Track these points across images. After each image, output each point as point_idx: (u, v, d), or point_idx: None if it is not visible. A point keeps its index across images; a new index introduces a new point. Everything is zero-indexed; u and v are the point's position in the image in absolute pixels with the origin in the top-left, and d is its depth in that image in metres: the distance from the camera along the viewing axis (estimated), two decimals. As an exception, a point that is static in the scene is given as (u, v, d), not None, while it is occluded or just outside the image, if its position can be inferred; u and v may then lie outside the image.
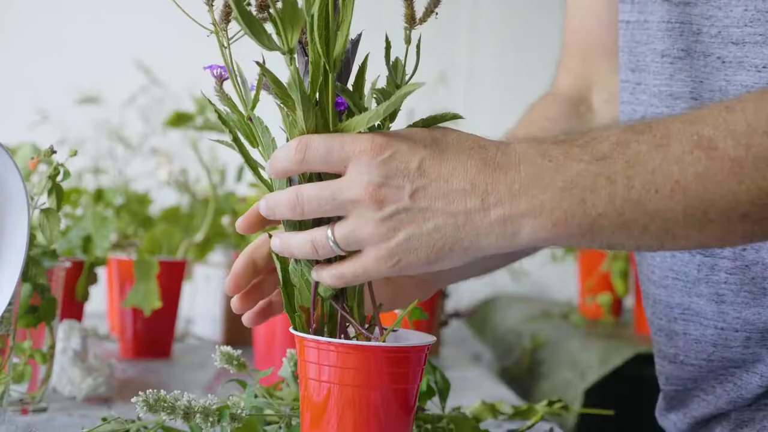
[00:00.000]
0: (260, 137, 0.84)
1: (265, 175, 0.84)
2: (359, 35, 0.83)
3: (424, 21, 0.83)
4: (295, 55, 0.80)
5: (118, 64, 2.35)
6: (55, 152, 1.03)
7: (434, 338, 0.86)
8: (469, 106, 2.79)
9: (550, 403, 1.13)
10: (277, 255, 0.84)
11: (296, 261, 0.84)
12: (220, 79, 0.85)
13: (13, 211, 0.86)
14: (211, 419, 0.90)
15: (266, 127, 0.84)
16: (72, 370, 1.19)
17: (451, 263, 0.79)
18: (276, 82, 0.81)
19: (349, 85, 0.83)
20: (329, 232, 0.79)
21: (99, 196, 1.64)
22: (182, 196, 1.93)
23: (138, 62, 2.05)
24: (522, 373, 1.91)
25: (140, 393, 0.89)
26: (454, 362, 1.64)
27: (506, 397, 1.33)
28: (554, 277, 2.56)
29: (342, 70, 0.82)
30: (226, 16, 0.83)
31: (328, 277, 0.81)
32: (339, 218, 0.80)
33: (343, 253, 0.80)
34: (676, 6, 1.00)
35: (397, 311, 1.02)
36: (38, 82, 2.60)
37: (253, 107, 0.85)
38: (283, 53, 0.80)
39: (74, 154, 1.07)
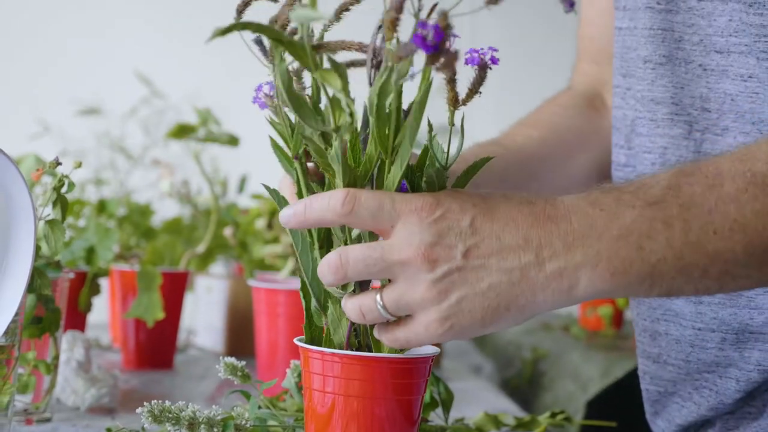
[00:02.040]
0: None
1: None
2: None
3: (467, 102, 0.81)
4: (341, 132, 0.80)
5: (119, 76, 2.36)
6: (60, 164, 1.04)
7: (438, 350, 0.86)
8: (469, 119, 2.79)
9: (553, 415, 1.13)
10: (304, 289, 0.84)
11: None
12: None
13: (20, 222, 0.86)
14: (215, 430, 0.90)
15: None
16: (76, 381, 1.19)
17: (506, 324, 0.77)
18: (319, 152, 0.80)
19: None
20: (378, 297, 0.77)
21: (101, 207, 1.64)
22: (184, 207, 1.94)
23: (139, 73, 2.06)
24: (523, 385, 1.91)
25: (145, 404, 0.89)
26: (456, 374, 1.65)
27: (508, 409, 1.33)
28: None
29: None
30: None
31: (386, 340, 0.79)
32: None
33: (392, 318, 0.78)
34: (659, 13, 1.01)
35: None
36: (39, 94, 2.60)
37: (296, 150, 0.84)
38: (330, 132, 0.79)
39: (79, 165, 1.08)
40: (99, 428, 1.09)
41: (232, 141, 1.66)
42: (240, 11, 0.81)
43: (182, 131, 1.72)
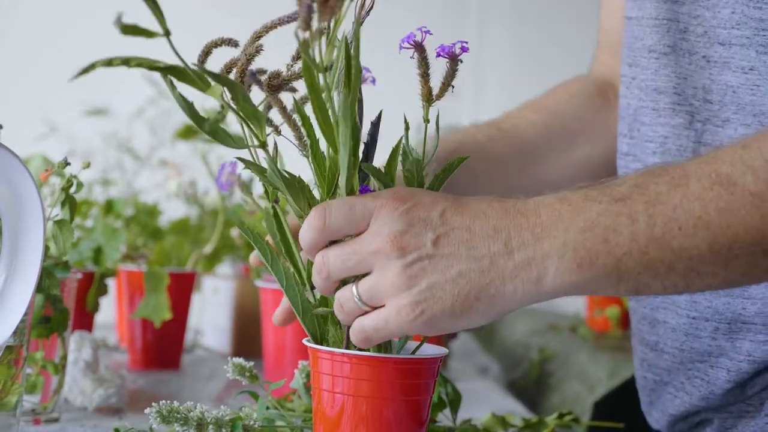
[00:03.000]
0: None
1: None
2: (379, 117, 0.85)
3: (441, 97, 0.83)
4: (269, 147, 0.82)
5: (125, 76, 2.36)
6: (68, 164, 1.04)
7: (447, 350, 0.86)
8: (477, 119, 2.80)
9: (561, 416, 1.13)
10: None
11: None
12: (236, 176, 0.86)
13: (29, 222, 0.86)
14: (224, 430, 0.90)
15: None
16: (83, 381, 1.19)
17: (477, 317, 0.78)
18: (260, 171, 0.82)
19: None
20: (354, 288, 0.79)
21: (109, 207, 1.64)
22: (191, 207, 1.94)
23: (146, 74, 2.06)
24: (530, 386, 1.91)
25: (153, 404, 0.89)
26: (462, 375, 1.65)
27: (515, 410, 1.33)
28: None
29: (367, 150, 0.84)
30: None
31: (354, 334, 0.80)
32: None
33: (368, 309, 0.79)
34: (664, 3, 1.02)
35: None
36: (46, 94, 2.60)
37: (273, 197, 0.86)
38: (256, 148, 0.82)
39: (87, 166, 1.08)
40: (107, 428, 1.09)
41: (240, 141, 1.66)
42: (201, 61, 0.84)
43: (189, 132, 1.72)
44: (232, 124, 0.91)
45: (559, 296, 0.79)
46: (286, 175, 0.81)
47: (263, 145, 0.81)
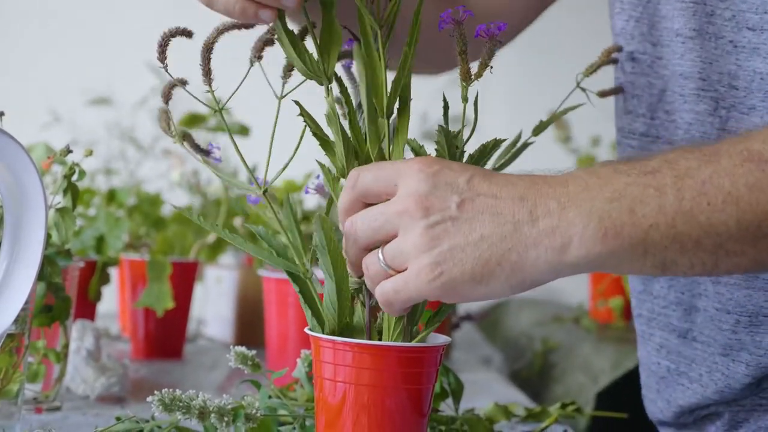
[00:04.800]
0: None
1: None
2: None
3: (480, 76, 0.83)
4: (332, 86, 0.81)
5: (129, 66, 2.36)
6: (71, 152, 1.03)
7: (449, 339, 0.86)
8: (482, 108, 2.78)
9: (564, 406, 1.12)
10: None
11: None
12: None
13: (31, 210, 0.86)
14: (225, 419, 0.90)
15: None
16: (85, 370, 1.19)
17: (498, 285, 0.77)
18: (314, 122, 0.82)
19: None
20: (380, 250, 0.79)
21: (111, 196, 1.64)
22: (194, 197, 1.93)
23: (150, 63, 2.05)
24: (533, 377, 1.91)
25: (156, 392, 0.89)
26: (465, 365, 1.64)
27: (518, 400, 1.33)
28: (565, 280, 2.54)
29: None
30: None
31: (377, 297, 0.80)
32: None
33: (392, 273, 0.79)
34: None
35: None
36: (50, 83, 2.60)
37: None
38: (321, 81, 0.81)
39: (90, 153, 1.08)
40: (108, 417, 1.08)
41: (243, 131, 1.66)
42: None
43: (193, 121, 1.71)
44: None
45: (582, 270, 0.78)
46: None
47: (329, 80, 0.80)
